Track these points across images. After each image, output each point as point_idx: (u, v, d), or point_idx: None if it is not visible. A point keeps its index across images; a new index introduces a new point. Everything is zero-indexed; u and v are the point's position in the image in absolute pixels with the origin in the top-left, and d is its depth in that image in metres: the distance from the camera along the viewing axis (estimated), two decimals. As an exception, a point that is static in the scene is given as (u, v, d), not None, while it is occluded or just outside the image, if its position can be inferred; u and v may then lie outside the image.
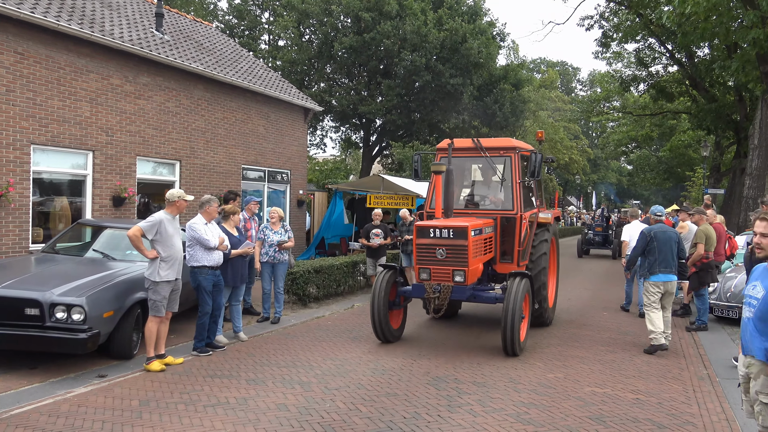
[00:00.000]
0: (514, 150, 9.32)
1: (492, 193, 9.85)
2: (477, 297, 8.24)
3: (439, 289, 7.92)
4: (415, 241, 8.01)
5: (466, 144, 9.58)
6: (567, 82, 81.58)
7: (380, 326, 8.25)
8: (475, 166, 10.24)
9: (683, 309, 11.44)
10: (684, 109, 30.78)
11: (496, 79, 30.55)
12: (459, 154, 9.57)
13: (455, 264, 7.80)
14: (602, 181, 68.69)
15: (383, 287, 8.27)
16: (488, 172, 9.85)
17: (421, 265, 7.98)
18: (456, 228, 7.79)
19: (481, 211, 9.37)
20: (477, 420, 5.55)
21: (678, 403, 6.24)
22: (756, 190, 16.66)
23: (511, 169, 9.22)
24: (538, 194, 10.40)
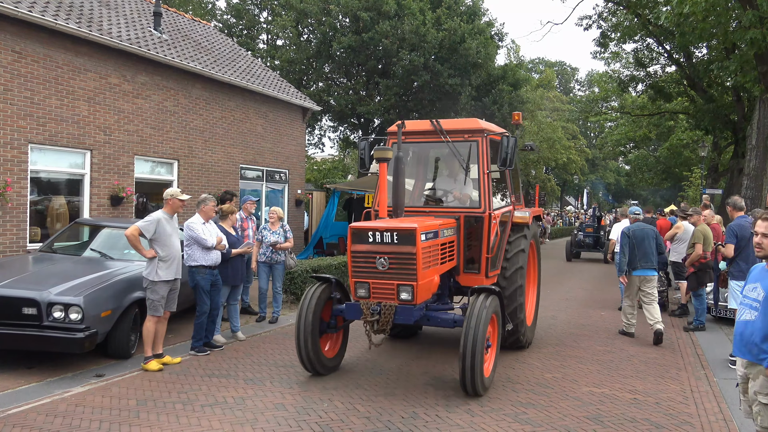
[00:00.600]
0: (482, 133, 7.55)
1: (457, 187, 8.05)
2: (430, 319, 6.61)
3: (379, 310, 6.16)
4: (349, 247, 6.34)
5: (423, 126, 7.81)
6: (565, 82, 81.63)
7: (306, 354, 6.53)
8: (436, 153, 8.52)
9: (681, 309, 11.46)
10: (682, 110, 30.79)
11: (494, 79, 30.56)
12: (415, 138, 7.91)
13: (401, 277, 6.12)
14: (597, 180, 68.65)
15: (312, 306, 6.57)
16: (452, 161, 7.98)
17: (358, 279, 6.29)
18: (401, 231, 6.08)
19: (442, 209, 7.65)
20: (475, 420, 5.55)
21: (676, 402, 6.25)
22: (754, 191, 16.68)
23: (478, 157, 7.50)
24: (513, 188, 8.53)
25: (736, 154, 25.04)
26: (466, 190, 7.85)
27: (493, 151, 7.65)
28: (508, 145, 7.11)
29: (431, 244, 6.40)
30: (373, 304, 6.19)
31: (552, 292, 14.18)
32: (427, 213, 7.52)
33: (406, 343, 8.58)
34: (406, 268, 6.12)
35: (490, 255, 7.31)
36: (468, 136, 7.61)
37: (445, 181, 8.39)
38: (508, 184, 8.32)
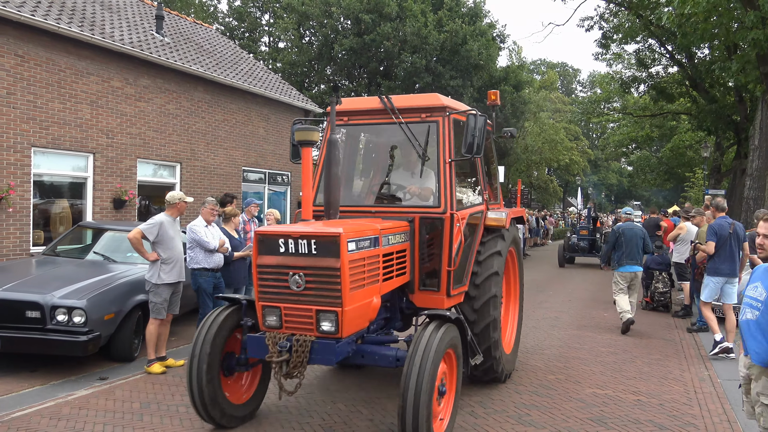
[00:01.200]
0: (443, 111, 5.91)
1: (413, 180, 6.31)
2: (365, 356, 5.04)
3: (287, 346, 4.60)
4: (254, 259, 4.80)
5: (371, 104, 6.20)
6: (567, 84, 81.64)
7: (201, 399, 4.98)
8: (389, 138, 6.75)
9: (684, 310, 11.45)
10: (684, 110, 30.76)
11: (496, 81, 30.57)
12: (362, 119, 6.35)
13: (321, 301, 4.60)
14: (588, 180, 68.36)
15: (211, 335, 5.02)
16: (408, 147, 6.23)
17: (266, 302, 4.76)
18: (321, 238, 4.58)
19: (394, 209, 6.01)
20: (478, 422, 5.55)
21: (679, 404, 6.24)
22: (756, 191, 16.64)
23: (438, 142, 5.87)
24: (488, 183, 6.98)
25: (738, 154, 25.01)
26: (425, 185, 6.16)
27: (459, 135, 5.95)
28: (476, 125, 5.48)
29: (367, 255, 4.86)
30: (282, 337, 4.65)
31: (555, 294, 14.17)
32: (373, 214, 5.90)
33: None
34: (328, 288, 4.54)
35: (452, 268, 5.64)
36: (426, 116, 5.93)
37: (400, 174, 6.62)
38: (480, 177, 6.66)
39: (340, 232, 4.54)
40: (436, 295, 5.76)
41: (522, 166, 40.66)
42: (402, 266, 5.60)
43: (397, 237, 5.49)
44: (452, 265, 5.67)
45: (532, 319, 10.73)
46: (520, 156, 37.68)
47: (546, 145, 42.91)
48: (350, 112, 6.33)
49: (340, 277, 4.52)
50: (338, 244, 4.52)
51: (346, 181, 6.43)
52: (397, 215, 5.84)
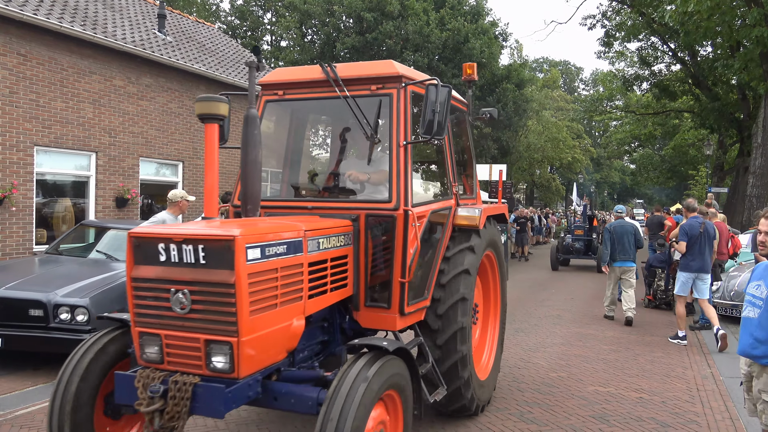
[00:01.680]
0: (398, 82, 4.74)
1: (362, 169, 5.17)
2: (279, 398, 3.82)
3: (159, 390, 3.41)
4: (128, 270, 3.64)
5: (311, 74, 5.00)
6: (570, 82, 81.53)
7: None
8: (333, 116, 5.86)
9: (686, 308, 11.41)
10: (687, 108, 30.74)
11: (498, 79, 30.53)
12: (299, 92, 5.12)
13: (210, 328, 3.44)
14: (599, 178, 67.96)
15: (80, 370, 3.84)
16: (357, 127, 5.05)
17: (143, 328, 3.60)
18: (210, 242, 3.44)
19: (336, 205, 4.89)
20: (480, 419, 5.55)
21: (682, 401, 6.24)
22: (760, 189, 16.63)
23: (391, 120, 4.73)
24: (461, 173, 6.04)
25: (741, 152, 24.96)
26: (375, 174, 5.04)
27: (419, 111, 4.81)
28: (437, 99, 4.32)
29: (282, 264, 3.71)
30: (157, 378, 3.45)
31: (557, 292, 14.16)
32: (309, 210, 4.80)
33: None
34: (220, 310, 3.38)
35: (406, 279, 4.52)
36: (377, 88, 4.77)
37: (346, 161, 5.49)
38: (448, 165, 5.50)
39: (235, 234, 3.33)
40: (385, 313, 4.58)
41: (524, 164, 40.63)
42: (342, 277, 4.43)
43: (333, 240, 4.31)
44: (406, 276, 4.51)
45: (534, 317, 10.73)
46: (522, 154, 37.64)
47: (548, 144, 42.87)
48: (285, 84, 5.11)
49: (236, 295, 3.31)
50: (232, 251, 3.32)
51: (277, 169, 5.62)
52: (338, 212, 4.71)
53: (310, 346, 4.54)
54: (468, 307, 5.10)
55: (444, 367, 5.01)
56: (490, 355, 6.17)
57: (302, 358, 4.39)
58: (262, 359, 3.64)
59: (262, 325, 3.53)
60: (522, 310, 11.51)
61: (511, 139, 32.40)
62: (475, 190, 6.49)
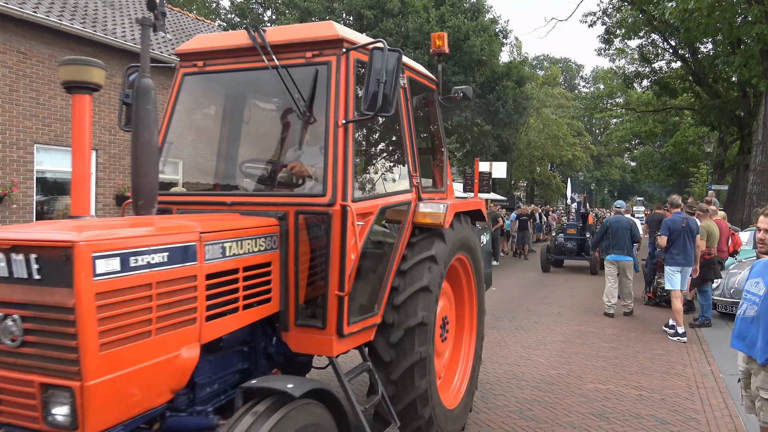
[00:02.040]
0: (338, 46, 3.88)
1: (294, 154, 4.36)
2: None
3: None
4: None
5: (236, 40, 4.15)
6: (570, 79, 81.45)
7: None
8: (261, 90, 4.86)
9: (686, 305, 11.42)
10: (687, 106, 30.73)
11: (498, 77, 30.52)
12: (220, 63, 4.23)
13: (47, 367, 2.45)
14: (600, 175, 67.69)
15: None
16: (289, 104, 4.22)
17: None
18: (44, 250, 2.44)
19: (257, 199, 4.01)
20: (480, 417, 5.56)
21: (681, 399, 6.24)
22: (760, 186, 16.63)
23: (328, 93, 3.84)
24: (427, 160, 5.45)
25: (742, 149, 24.96)
26: (309, 161, 4.16)
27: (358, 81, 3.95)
28: (384, 66, 3.47)
29: (157, 278, 2.78)
30: None
31: (557, 289, 14.17)
32: (229, 206, 3.93)
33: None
34: (58, 343, 2.46)
35: (344, 292, 3.64)
36: (313, 55, 3.88)
37: (276, 144, 4.74)
38: (408, 151, 4.58)
39: (74, 239, 2.40)
40: (319, 334, 3.72)
41: (525, 161, 40.62)
42: (264, 290, 3.60)
43: (249, 244, 3.46)
44: (344, 288, 3.63)
45: (534, 315, 10.74)
46: (523, 152, 37.63)
47: (549, 141, 42.87)
48: (207, 53, 4.24)
49: (76, 323, 2.40)
50: (71, 263, 2.39)
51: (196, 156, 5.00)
52: (264, 208, 3.82)
53: (223, 377, 3.58)
54: (428, 333, 4.18)
55: (399, 406, 4.17)
56: (463, 377, 5.25)
57: (209, 394, 3.43)
58: (127, 407, 2.63)
59: (123, 362, 2.57)
60: (522, 307, 11.52)
61: (512, 137, 32.38)
62: (446, 182, 5.48)
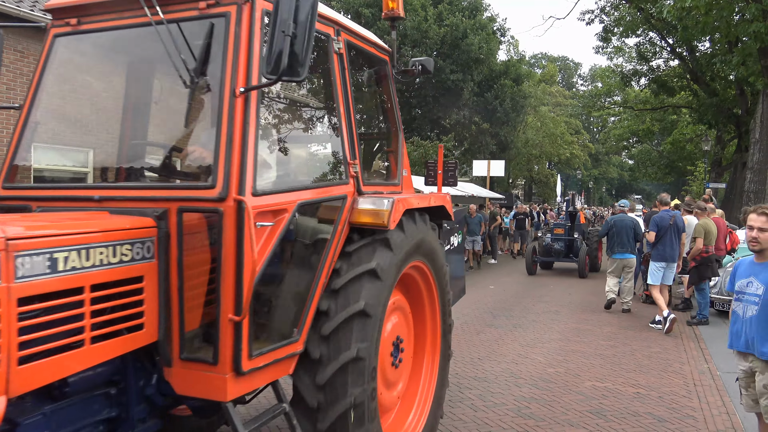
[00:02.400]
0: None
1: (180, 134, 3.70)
2: None
3: None
4: None
5: None
6: (568, 77, 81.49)
7: None
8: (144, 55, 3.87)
9: (684, 303, 11.45)
10: (685, 104, 30.78)
11: (496, 75, 30.53)
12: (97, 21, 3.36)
13: None
14: (598, 174, 67.69)
15: None
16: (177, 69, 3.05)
17: None
18: None
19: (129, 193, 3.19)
20: (478, 415, 5.57)
21: (679, 396, 6.26)
22: (757, 184, 16.67)
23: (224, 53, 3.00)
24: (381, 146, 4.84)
25: (739, 148, 25.01)
26: (196, 143, 3.47)
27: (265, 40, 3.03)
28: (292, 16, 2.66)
29: None
30: None
31: (555, 287, 14.19)
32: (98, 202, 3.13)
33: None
34: None
35: (241, 317, 2.85)
36: (207, 5, 3.09)
37: (160, 122, 4.05)
38: (343, 131, 3.74)
39: None
40: (210, 372, 2.88)
41: (522, 160, 40.64)
42: (131, 313, 2.80)
43: (103, 253, 2.66)
44: (241, 311, 2.80)
45: (532, 313, 10.76)
46: (520, 150, 37.65)
47: (546, 139, 42.89)
48: (81, 7, 3.36)
49: None
50: None
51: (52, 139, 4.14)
52: (136, 204, 3.04)
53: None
54: (366, 369, 3.35)
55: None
56: (423, 408, 4.41)
57: None
58: None
59: None
60: (520, 305, 11.53)
61: (510, 135, 32.38)
62: (402, 173, 4.55)
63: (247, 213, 2.80)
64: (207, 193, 2.87)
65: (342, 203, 3.62)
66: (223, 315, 2.83)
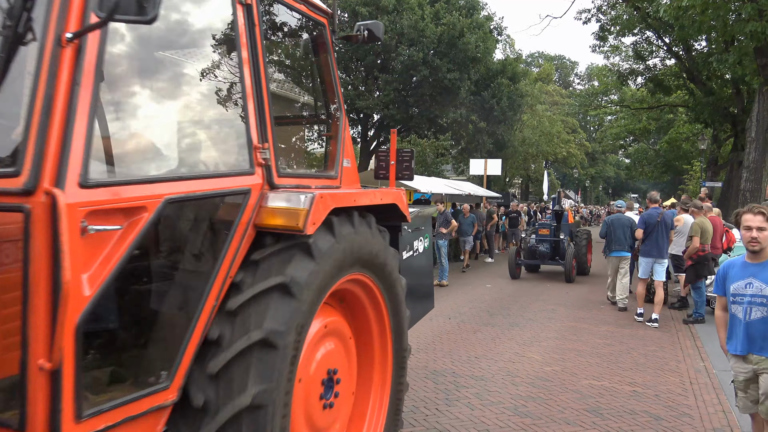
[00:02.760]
0: None
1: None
2: None
3: None
4: None
5: None
6: (565, 76, 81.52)
7: None
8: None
9: (680, 302, 11.49)
10: (681, 103, 30.82)
11: (493, 74, 30.54)
12: None
13: None
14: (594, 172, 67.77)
15: None
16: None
17: None
18: None
19: None
20: (475, 413, 5.57)
21: (675, 395, 6.28)
22: (753, 183, 16.71)
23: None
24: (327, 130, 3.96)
25: (735, 146, 25.05)
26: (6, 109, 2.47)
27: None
28: None
29: None
30: None
31: (552, 286, 14.21)
32: None
33: (406, 338, 8.60)
34: None
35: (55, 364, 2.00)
36: None
37: None
38: (249, 106, 3.00)
39: None
40: None
41: (519, 159, 40.68)
42: None
43: None
44: (57, 354, 2.01)
45: (529, 311, 10.77)
46: (517, 149, 37.68)
47: (543, 138, 42.94)
48: None
49: None
50: None
51: None
52: None
53: None
54: (267, 420, 2.56)
55: None
56: None
57: None
58: None
59: None
60: (517, 304, 11.55)
61: (506, 134, 32.40)
62: (341, 164, 3.74)
63: (64, 212, 1.99)
64: (9, 183, 2.05)
65: (243, 199, 2.83)
66: (31, 361, 2.00)
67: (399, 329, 3.87)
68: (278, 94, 3.60)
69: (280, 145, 3.30)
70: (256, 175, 2.94)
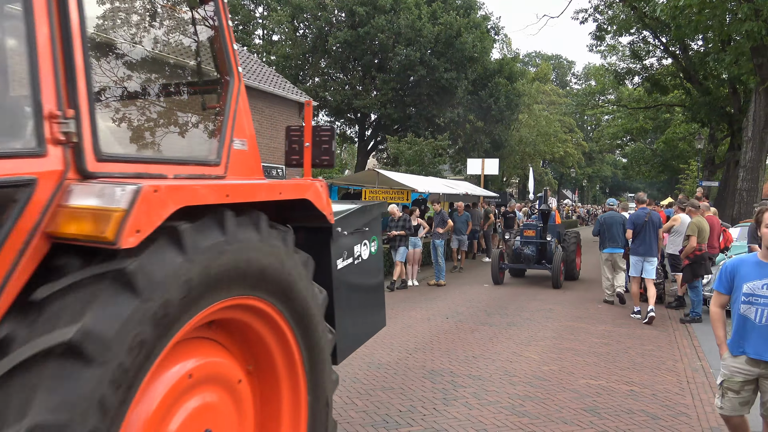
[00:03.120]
0: None
1: None
2: None
3: None
4: None
5: None
6: (562, 76, 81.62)
7: None
8: None
9: (677, 301, 11.50)
10: (678, 102, 30.90)
11: (490, 73, 30.57)
12: None
13: None
14: (592, 172, 67.89)
15: None
16: None
17: None
18: None
19: None
20: (472, 413, 5.57)
21: (672, 394, 6.28)
22: (750, 182, 16.75)
23: None
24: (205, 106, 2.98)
25: (732, 146, 25.12)
26: None
27: None
28: None
29: None
30: None
31: (549, 285, 14.22)
32: None
33: (403, 337, 8.61)
34: None
35: None
36: None
37: None
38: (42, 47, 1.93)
39: None
40: None
41: (516, 158, 40.70)
42: None
43: None
44: None
45: (527, 311, 10.77)
46: (514, 148, 37.70)
47: (540, 138, 42.98)
48: None
49: None
50: None
51: None
52: None
53: None
54: None
55: None
56: None
57: None
58: None
59: None
60: (514, 304, 11.55)
61: (504, 133, 32.40)
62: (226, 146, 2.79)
63: None
64: None
65: (22, 194, 1.87)
66: None
67: (315, 368, 2.96)
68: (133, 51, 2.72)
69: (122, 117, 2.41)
70: (50, 156, 1.95)
